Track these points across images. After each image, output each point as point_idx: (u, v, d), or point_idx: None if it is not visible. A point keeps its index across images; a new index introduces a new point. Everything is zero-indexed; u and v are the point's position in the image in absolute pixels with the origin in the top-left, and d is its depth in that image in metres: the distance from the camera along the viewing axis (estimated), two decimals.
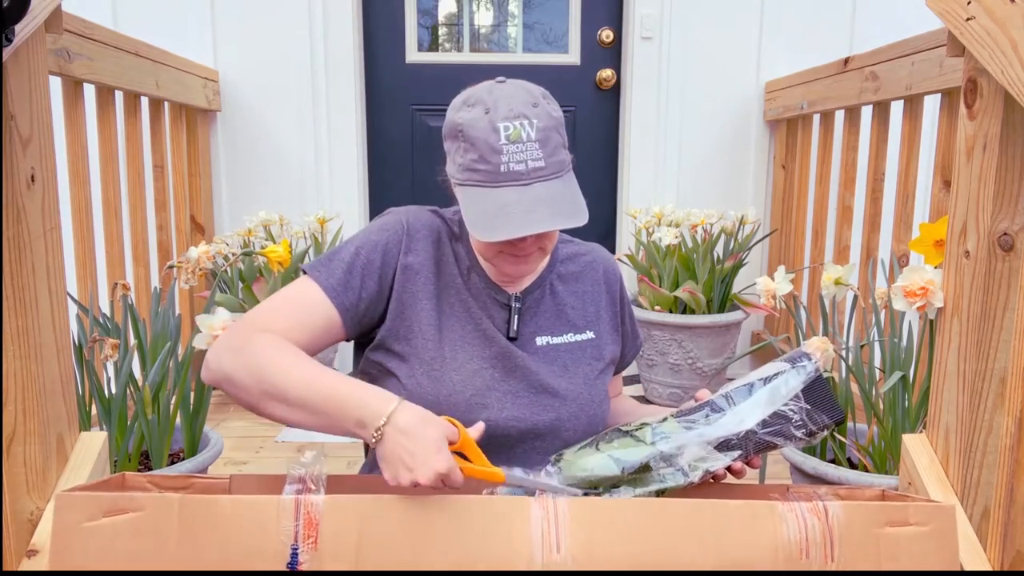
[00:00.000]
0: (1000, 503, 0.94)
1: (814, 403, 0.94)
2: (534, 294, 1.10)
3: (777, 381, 0.96)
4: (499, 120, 0.94)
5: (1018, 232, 0.94)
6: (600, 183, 2.96)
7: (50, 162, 1.01)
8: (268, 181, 2.78)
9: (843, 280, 1.39)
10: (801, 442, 0.95)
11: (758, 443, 0.93)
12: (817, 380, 0.95)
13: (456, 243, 1.10)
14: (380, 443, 0.84)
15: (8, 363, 0.94)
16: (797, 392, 0.94)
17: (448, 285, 1.07)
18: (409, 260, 1.05)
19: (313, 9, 2.69)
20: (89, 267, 1.92)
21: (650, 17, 2.73)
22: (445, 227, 1.10)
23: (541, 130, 0.95)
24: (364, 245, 1.05)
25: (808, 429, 0.94)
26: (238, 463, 2.02)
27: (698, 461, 0.91)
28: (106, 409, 1.38)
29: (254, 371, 0.91)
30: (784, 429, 0.93)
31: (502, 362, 1.05)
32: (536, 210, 0.93)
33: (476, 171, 0.95)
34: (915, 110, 1.98)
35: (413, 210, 1.10)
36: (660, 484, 0.91)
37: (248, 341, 0.94)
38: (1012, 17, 0.85)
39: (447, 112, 1.02)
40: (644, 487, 0.91)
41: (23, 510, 0.96)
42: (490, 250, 1.01)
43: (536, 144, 0.95)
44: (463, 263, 1.09)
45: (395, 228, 1.06)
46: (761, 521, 0.82)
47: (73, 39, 1.72)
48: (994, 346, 0.96)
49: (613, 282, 1.17)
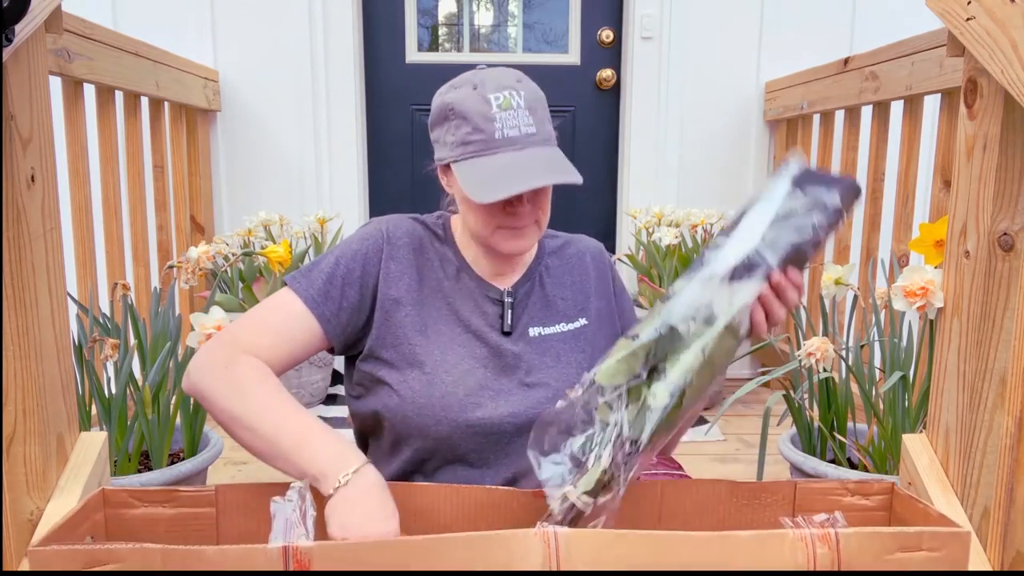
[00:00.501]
0: (1000, 503, 0.93)
1: (814, 184, 0.85)
2: (524, 287, 1.11)
3: (764, 195, 0.87)
4: (489, 92, 0.97)
5: (1018, 232, 0.94)
6: (600, 183, 2.96)
7: (50, 162, 1.01)
8: (268, 181, 2.78)
9: (843, 280, 1.39)
10: (826, 231, 0.84)
11: (777, 247, 0.83)
12: (805, 171, 0.87)
13: (442, 246, 1.10)
14: (330, 500, 0.85)
15: (8, 363, 0.94)
16: (788, 190, 0.86)
17: (434, 289, 1.07)
18: (391, 267, 1.05)
19: (313, 9, 2.69)
20: (89, 267, 1.92)
21: (650, 17, 2.73)
22: (427, 232, 1.11)
23: (529, 100, 0.99)
24: (344, 255, 1.05)
25: (825, 211, 0.84)
26: (238, 463, 2.02)
27: (724, 304, 0.80)
28: (106, 409, 1.38)
29: (232, 397, 0.93)
30: (797, 222, 0.83)
31: (494, 360, 1.05)
32: (534, 168, 0.96)
33: (471, 143, 0.98)
34: (915, 110, 1.98)
35: (393, 219, 1.10)
36: (700, 339, 0.82)
37: (232, 363, 0.95)
38: (1012, 17, 0.85)
39: (433, 101, 1.04)
40: (687, 352, 0.82)
41: (23, 510, 0.96)
42: (488, 227, 1.02)
43: (527, 111, 0.99)
44: (450, 265, 1.09)
45: (375, 237, 1.07)
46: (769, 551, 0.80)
47: (73, 39, 1.72)
48: (994, 346, 0.95)
49: (602, 266, 1.18)
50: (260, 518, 0.92)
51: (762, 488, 0.97)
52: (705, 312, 0.82)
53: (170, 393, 1.44)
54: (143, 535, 0.90)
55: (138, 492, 0.90)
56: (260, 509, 0.92)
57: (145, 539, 0.90)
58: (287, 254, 1.65)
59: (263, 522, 0.92)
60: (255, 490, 0.92)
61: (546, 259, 1.15)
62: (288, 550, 0.75)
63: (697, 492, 0.97)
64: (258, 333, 1.00)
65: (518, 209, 1.00)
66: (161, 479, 1.36)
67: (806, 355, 1.37)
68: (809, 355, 1.36)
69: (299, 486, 0.81)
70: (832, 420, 1.46)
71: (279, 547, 0.75)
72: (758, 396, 2.53)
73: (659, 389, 0.82)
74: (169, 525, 0.92)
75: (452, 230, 1.12)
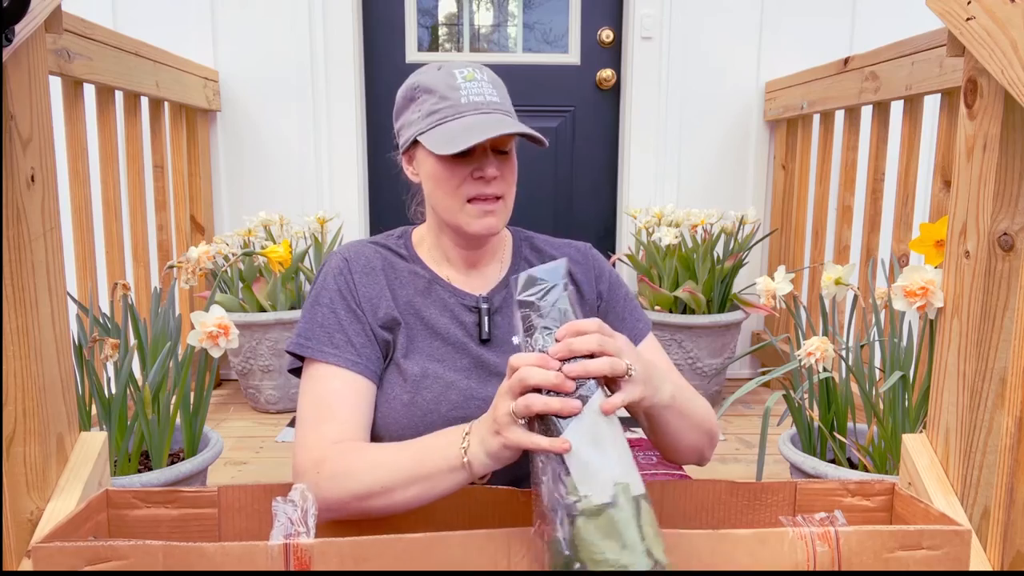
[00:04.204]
0: (1000, 503, 0.93)
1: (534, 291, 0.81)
2: (501, 294, 1.10)
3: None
4: (454, 68, 1.02)
5: (1018, 232, 0.94)
6: (600, 183, 2.96)
7: (50, 162, 1.01)
8: (268, 181, 2.78)
9: (843, 280, 1.39)
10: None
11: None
12: (524, 285, 0.82)
13: (409, 264, 1.09)
14: (469, 454, 0.82)
15: (8, 363, 0.94)
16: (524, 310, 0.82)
17: (408, 305, 1.06)
18: (364, 293, 1.04)
19: (313, 9, 2.69)
20: (89, 267, 1.92)
21: (650, 17, 2.73)
22: (391, 253, 1.10)
23: (492, 79, 1.03)
24: (330, 301, 1.03)
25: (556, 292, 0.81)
26: (238, 463, 2.02)
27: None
28: (106, 409, 1.38)
29: (347, 486, 0.88)
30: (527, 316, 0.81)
31: (477, 370, 1.04)
32: (499, 125, 0.97)
33: (438, 111, 1.00)
34: (915, 110, 1.98)
35: (352, 246, 1.09)
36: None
37: (321, 465, 0.91)
38: (1012, 17, 0.85)
39: (397, 95, 1.07)
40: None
41: (23, 510, 0.96)
42: (457, 200, 1.01)
43: (490, 85, 1.02)
44: (421, 280, 1.08)
45: (340, 269, 1.05)
46: (769, 549, 0.81)
47: (73, 39, 1.72)
48: (994, 346, 0.96)
49: (586, 263, 1.14)
50: (262, 519, 0.93)
51: (762, 488, 0.96)
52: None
53: (170, 393, 1.44)
54: (146, 535, 0.91)
55: (141, 493, 0.90)
56: (262, 510, 0.93)
57: (148, 539, 0.90)
58: (287, 254, 1.65)
59: (265, 523, 0.92)
60: (257, 491, 0.92)
61: (522, 265, 1.13)
62: (289, 548, 0.76)
63: (697, 492, 0.97)
64: (317, 424, 0.96)
65: (486, 170, 1.00)
66: (161, 479, 1.36)
67: (806, 355, 1.37)
68: (809, 355, 1.36)
69: (302, 487, 0.81)
70: (832, 420, 1.46)
71: (280, 544, 0.76)
72: (758, 396, 2.53)
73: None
74: (171, 526, 0.92)
75: (416, 247, 1.11)
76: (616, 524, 0.71)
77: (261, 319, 2.33)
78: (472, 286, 1.09)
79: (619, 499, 0.72)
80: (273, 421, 2.38)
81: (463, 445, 0.83)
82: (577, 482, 0.72)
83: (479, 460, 0.82)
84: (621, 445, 0.76)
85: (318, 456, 0.92)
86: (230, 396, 2.64)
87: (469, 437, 0.83)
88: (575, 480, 0.72)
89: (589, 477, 0.72)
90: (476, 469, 0.82)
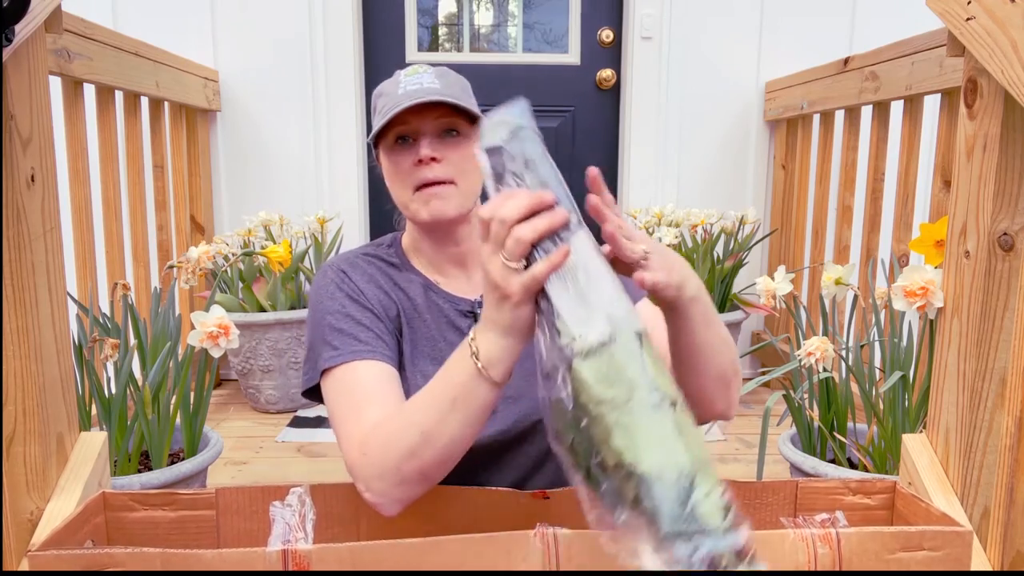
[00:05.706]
0: (1000, 503, 0.93)
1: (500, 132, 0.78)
2: None
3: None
4: (402, 73, 1.05)
5: (1018, 232, 0.94)
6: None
7: (50, 162, 1.01)
8: (268, 181, 2.78)
9: (843, 280, 1.39)
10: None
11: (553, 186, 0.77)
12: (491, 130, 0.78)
13: (404, 272, 1.08)
14: (481, 356, 0.79)
15: (8, 363, 0.93)
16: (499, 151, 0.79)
17: (406, 316, 1.05)
18: (369, 295, 1.03)
19: (313, 9, 2.69)
20: (89, 267, 1.92)
21: (650, 17, 2.73)
22: (384, 264, 1.09)
23: (439, 73, 1.04)
24: (341, 307, 1.01)
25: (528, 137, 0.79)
26: (238, 463, 2.02)
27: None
28: (106, 409, 1.38)
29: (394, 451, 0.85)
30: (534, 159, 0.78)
31: None
32: (421, 96, 0.98)
33: (382, 108, 1.02)
34: (915, 110, 1.98)
35: (345, 258, 1.08)
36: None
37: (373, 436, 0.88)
38: (1012, 17, 0.85)
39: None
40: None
41: (23, 510, 0.96)
42: (406, 190, 1.01)
43: (432, 75, 1.03)
44: (417, 288, 1.07)
45: (342, 279, 1.04)
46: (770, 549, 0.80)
47: (73, 39, 1.72)
48: (994, 346, 0.96)
49: None
50: (260, 520, 0.93)
51: (763, 487, 0.96)
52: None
53: (170, 393, 1.44)
54: (143, 538, 0.91)
55: (138, 495, 0.90)
56: (260, 511, 0.93)
57: (145, 542, 0.90)
58: (287, 254, 1.65)
59: (263, 524, 0.92)
60: (255, 492, 0.92)
61: None
62: (287, 553, 0.76)
63: None
64: (359, 416, 0.93)
65: (420, 151, 0.99)
66: (161, 479, 1.36)
67: (806, 355, 1.37)
68: (809, 355, 1.36)
69: (299, 491, 0.81)
70: (832, 420, 1.46)
71: (278, 550, 0.76)
72: (758, 396, 2.53)
73: None
74: (169, 528, 0.92)
75: (408, 255, 1.10)
76: (616, 361, 0.66)
77: (261, 319, 2.34)
78: (465, 290, 1.08)
79: (617, 336, 0.67)
80: (273, 421, 2.38)
81: (472, 350, 0.79)
82: (570, 324, 0.68)
83: (495, 351, 0.78)
84: (613, 283, 0.72)
85: (360, 440, 0.89)
86: (230, 396, 2.64)
87: (474, 341, 0.80)
88: (567, 322, 0.69)
89: (582, 317, 0.69)
90: (494, 366, 0.79)
